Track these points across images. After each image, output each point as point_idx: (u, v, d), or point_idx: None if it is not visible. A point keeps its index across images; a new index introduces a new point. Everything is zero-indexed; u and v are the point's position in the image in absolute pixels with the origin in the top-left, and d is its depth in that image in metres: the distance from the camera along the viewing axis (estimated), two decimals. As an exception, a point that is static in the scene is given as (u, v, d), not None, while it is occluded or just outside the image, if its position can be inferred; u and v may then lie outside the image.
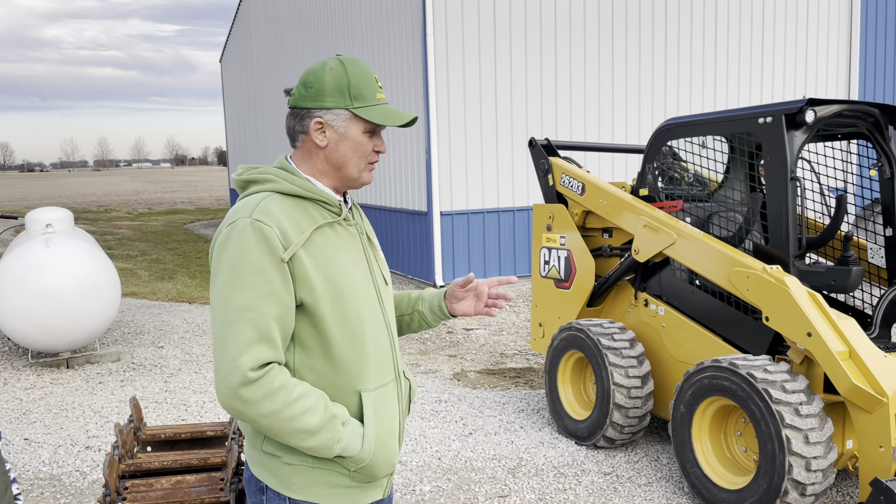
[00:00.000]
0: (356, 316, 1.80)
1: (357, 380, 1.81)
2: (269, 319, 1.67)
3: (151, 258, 15.81)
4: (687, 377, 4.15)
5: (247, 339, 1.65)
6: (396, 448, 1.90)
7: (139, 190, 56.68)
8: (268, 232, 1.68)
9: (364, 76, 1.83)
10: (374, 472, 1.83)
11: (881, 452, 3.48)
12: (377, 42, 12.08)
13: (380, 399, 1.85)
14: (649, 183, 5.14)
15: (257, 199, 1.75)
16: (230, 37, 24.02)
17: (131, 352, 7.74)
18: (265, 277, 1.67)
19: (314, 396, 1.73)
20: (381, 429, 1.83)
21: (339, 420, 1.75)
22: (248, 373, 1.65)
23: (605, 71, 11.66)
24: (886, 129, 4.40)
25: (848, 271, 4.20)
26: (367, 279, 1.87)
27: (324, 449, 1.73)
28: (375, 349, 1.85)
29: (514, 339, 8.31)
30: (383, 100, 1.87)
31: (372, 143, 1.86)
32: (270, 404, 1.66)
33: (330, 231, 1.81)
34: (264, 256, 1.67)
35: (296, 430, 1.69)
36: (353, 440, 1.76)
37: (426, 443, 5.16)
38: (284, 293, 1.70)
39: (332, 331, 1.76)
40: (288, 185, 1.79)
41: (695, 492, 4.12)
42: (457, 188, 10.78)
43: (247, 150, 22.63)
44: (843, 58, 13.83)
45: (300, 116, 1.83)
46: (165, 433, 3.43)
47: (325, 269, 1.76)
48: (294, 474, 1.79)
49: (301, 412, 1.69)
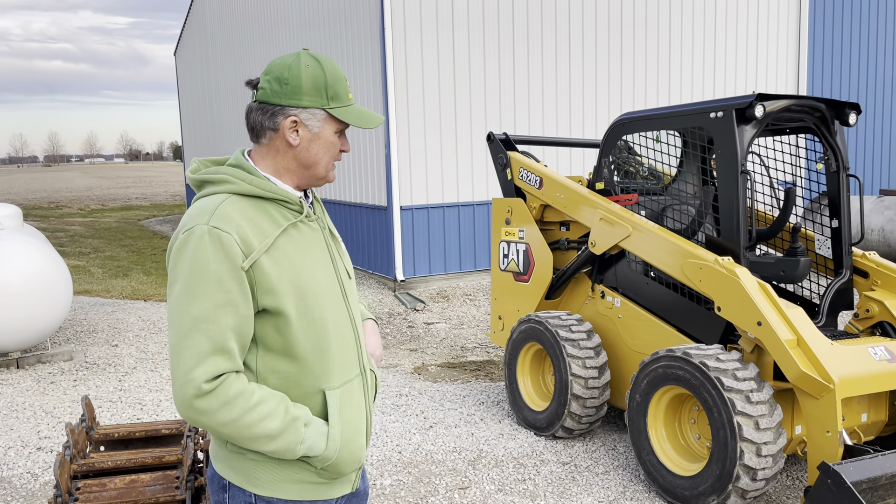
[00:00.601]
0: (320, 315, 1.77)
1: (322, 379, 1.79)
2: (226, 330, 1.64)
3: (105, 255, 15.47)
4: (642, 367, 4.22)
5: (202, 351, 1.62)
6: (364, 444, 1.89)
7: (92, 186, 55.34)
8: (226, 239, 1.64)
9: (339, 75, 1.80)
10: (341, 469, 1.82)
11: (828, 437, 3.59)
12: (335, 36, 11.99)
13: (345, 396, 1.84)
14: (605, 177, 5.21)
15: (215, 203, 1.69)
16: (185, 29, 23.58)
17: (84, 350, 7.57)
18: (222, 287, 1.63)
19: (273, 401, 1.71)
20: (346, 426, 1.82)
21: (300, 422, 1.73)
22: (203, 385, 1.62)
23: (563, 66, 11.76)
24: (832, 124, 4.53)
25: (796, 262, 4.32)
26: (330, 276, 1.84)
27: (287, 452, 1.72)
28: (340, 346, 1.83)
29: (474, 332, 8.35)
30: (353, 100, 1.85)
31: (339, 143, 1.84)
32: (228, 413, 1.64)
33: (293, 231, 1.77)
34: (222, 265, 1.63)
35: (256, 436, 1.68)
36: (317, 440, 1.75)
37: (387, 437, 5.17)
38: (242, 303, 1.66)
39: (296, 333, 1.73)
40: (246, 185, 1.74)
41: (650, 479, 4.20)
42: (416, 183, 10.77)
43: (203, 144, 22.27)
44: (792, 54, 14.18)
45: (272, 113, 1.76)
46: (119, 432, 3.37)
47: (289, 272, 1.72)
48: (260, 470, 1.77)
49: (260, 418, 1.67)
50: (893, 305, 4.31)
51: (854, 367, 3.73)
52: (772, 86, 13.90)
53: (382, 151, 10.71)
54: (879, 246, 10.98)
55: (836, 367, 3.64)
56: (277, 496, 1.78)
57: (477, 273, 11.22)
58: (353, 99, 1.84)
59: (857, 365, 3.75)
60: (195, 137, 23.37)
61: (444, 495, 4.26)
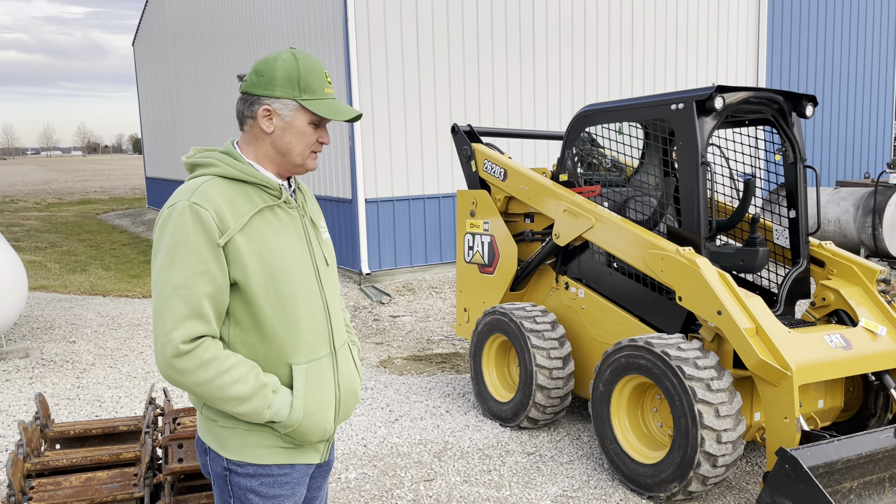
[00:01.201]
0: (289, 294, 1.92)
1: (289, 354, 1.94)
2: (202, 297, 1.81)
3: (62, 250, 15.11)
4: (605, 357, 4.26)
5: (180, 315, 1.80)
6: (330, 417, 2.02)
7: (48, 179, 54.01)
8: (204, 215, 1.81)
9: (314, 71, 1.95)
10: (305, 437, 1.97)
11: (786, 423, 3.66)
12: (298, 26, 11.85)
13: (312, 372, 1.98)
14: (568, 168, 5.23)
15: (198, 183, 1.88)
16: (143, 19, 23.08)
17: (41, 347, 7.39)
18: (199, 258, 1.81)
19: (246, 367, 1.87)
20: (312, 399, 1.96)
21: (269, 388, 1.89)
22: (180, 345, 1.79)
23: (527, 58, 11.79)
24: (790, 116, 4.61)
25: (755, 252, 4.39)
26: (305, 260, 1.99)
27: (254, 414, 1.88)
28: (310, 326, 1.98)
29: (440, 324, 8.35)
30: (331, 95, 1.99)
31: (316, 134, 1.99)
32: (203, 374, 1.81)
33: (270, 214, 1.93)
34: (199, 238, 1.80)
35: (228, 397, 1.84)
36: (282, 407, 1.90)
37: (352, 430, 5.14)
38: (218, 273, 1.83)
39: (263, 308, 1.89)
40: (229, 169, 1.91)
41: (614, 467, 4.24)
42: (381, 175, 10.71)
43: (163, 137, 21.86)
44: (752, 47, 14.41)
45: (250, 102, 1.95)
46: (75, 429, 3.29)
47: (261, 250, 1.88)
48: (229, 436, 1.95)
49: (232, 381, 1.84)
50: (849, 294, 4.40)
51: (811, 354, 3.80)
52: (732, 78, 14.11)
53: (347, 144, 10.62)
54: (835, 236, 11.24)
55: (794, 354, 3.71)
56: (246, 460, 1.95)
57: (443, 266, 11.21)
58: (331, 94, 1.98)
59: (814, 352, 3.83)
60: (155, 130, 22.92)
61: (409, 488, 4.25)
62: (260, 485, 1.98)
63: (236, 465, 1.96)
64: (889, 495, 3.68)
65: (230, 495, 1.99)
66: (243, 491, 1.98)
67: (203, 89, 17.30)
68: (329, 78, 1.99)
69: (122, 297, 10.08)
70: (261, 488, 1.98)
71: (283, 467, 2.00)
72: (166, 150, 21.48)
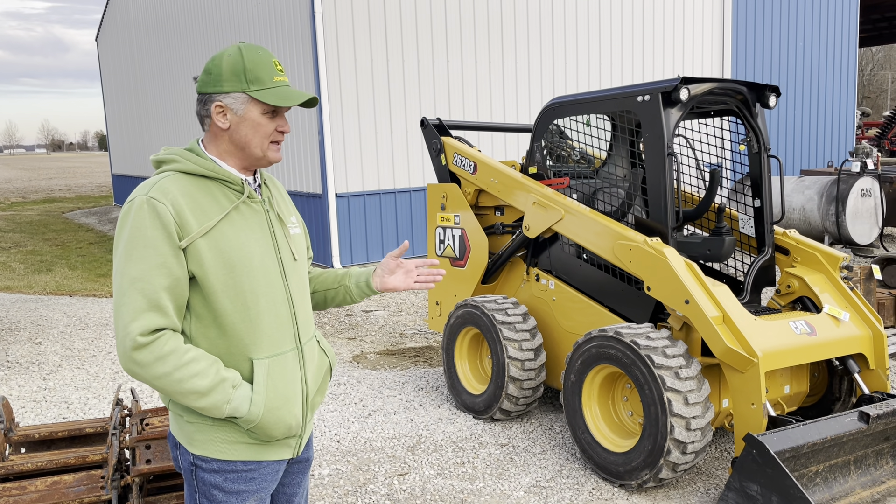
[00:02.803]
0: (249, 289, 1.92)
1: (250, 348, 1.94)
2: (159, 290, 1.82)
3: (27, 250, 14.82)
4: (576, 347, 4.29)
5: (138, 308, 1.81)
6: (295, 412, 2.01)
7: (11, 178, 52.87)
8: (161, 209, 1.83)
9: (261, 61, 1.94)
10: (269, 433, 1.95)
11: (753, 409, 3.72)
12: (263, 17, 11.72)
13: (275, 367, 1.97)
14: (538, 161, 5.25)
15: (158, 178, 1.90)
16: (106, 14, 22.64)
17: (5, 349, 7.24)
18: (157, 251, 1.82)
19: (206, 361, 1.87)
20: (274, 394, 1.95)
21: (228, 383, 1.89)
22: (138, 337, 1.80)
23: (495, 51, 11.79)
24: (754, 106, 4.66)
25: (721, 241, 4.45)
26: (268, 254, 1.98)
27: (214, 409, 1.87)
28: (272, 320, 1.97)
29: (413, 318, 8.35)
30: (283, 82, 1.97)
31: (274, 123, 1.98)
32: (161, 367, 1.81)
33: (233, 211, 1.94)
34: (156, 232, 1.82)
35: (187, 391, 1.84)
36: (241, 402, 1.89)
37: (325, 426, 5.12)
38: (175, 265, 1.84)
39: (222, 302, 1.89)
40: (191, 164, 1.92)
41: (586, 456, 4.28)
42: (352, 169, 10.66)
43: (129, 133, 21.50)
44: (717, 38, 14.56)
45: (204, 101, 1.96)
46: (40, 433, 3.23)
47: (219, 244, 1.88)
48: (195, 432, 1.95)
49: (191, 375, 1.83)
50: (813, 281, 4.48)
51: (776, 341, 3.87)
52: (697, 69, 14.26)
53: (316, 138, 10.55)
54: (800, 224, 11.44)
55: (760, 341, 3.77)
56: (211, 455, 1.95)
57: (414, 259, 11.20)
58: (282, 81, 1.97)
59: (780, 339, 3.90)
60: (121, 126, 22.54)
61: (383, 482, 4.25)
62: (224, 480, 1.97)
63: (202, 460, 1.96)
64: (854, 477, 3.76)
65: (196, 490, 1.99)
66: (207, 486, 1.98)
67: (169, 83, 17.04)
68: (279, 66, 1.98)
69: (89, 296, 9.91)
70: (225, 484, 1.97)
71: (249, 463, 1.99)
72: (133, 146, 21.13)
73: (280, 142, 2.01)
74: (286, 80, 1.98)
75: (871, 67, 50.92)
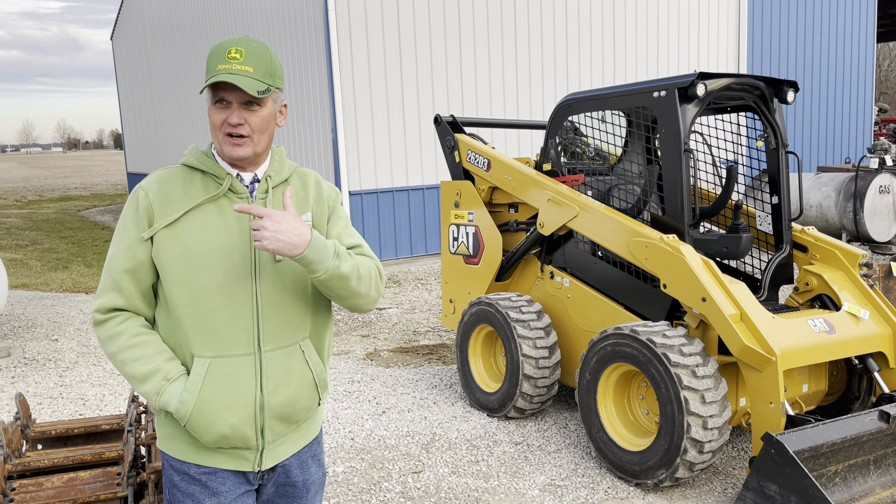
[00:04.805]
0: (202, 285, 1.87)
1: (193, 344, 1.89)
2: (121, 271, 1.89)
3: (43, 247, 14.95)
4: (591, 345, 4.26)
5: (104, 286, 1.92)
6: (232, 421, 1.86)
7: (28, 176, 53.36)
8: (140, 196, 1.91)
9: (218, 50, 1.83)
10: (200, 436, 1.88)
11: (771, 408, 3.68)
12: (277, 16, 11.74)
13: (217, 368, 1.87)
14: (552, 158, 5.22)
15: (160, 169, 1.98)
16: (121, 13, 22.78)
17: (23, 346, 7.30)
18: (127, 235, 1.90)
19: (151, 349, 1.89)
20: (210, 396, 1.85)
21: (161, 374, 1.87)
22: (95, 314, 1.91)
23: (509, 48, 11.75)
24: (771, 102, 4.61)
25: (738, 238, 4.40)
26: (237, 252, 1.88)
27: (150, 399, 1.89)
28: (226, 320, 1.87)
29: (426, 316, 8.34)
30: (226, 69, 1.79)
31: (223, 114, 1.85)
32: (111, 346, 1.89)
33: (211, 205, 1.90)
34: (130, 218, 1.91)
35: (128, 374, 1.89)
36: (171, 397, 1.86)
37: (339, 424, 5.12)
38: (139, 251, 1.89)
39: (174, 294, 1.88)
40: (190, 157, 1.95)
41: (601, 455, 4.25)
42: (365, 167, 10.66)
43: (144, 131, 21.63)
44: (732, 33, 14.44)
45: None
46: (56, 429, 3.24)
47: (181, 236, 1.87)
48: (160, 426, 1.99)
49: (133, 359, 1.87)
50: (831, 279, 4.43)
51: (795, 339, 3.82)
52: (713, 65, 14.14)
53: (329, 137, 10.56)
54: (817, 221, 11.33)
55: (778, 339, 3.73)
56: (170, 453, 1.97)
57: (428, 257, 11.19)
58: (226, 68, 1.79)
59: (798, 337, 3.85)
60: (136, 124, 22.68)
61: (397, 480, 4.24)
62: (180, 480, 1.95)
63: (165, 456, 1.99)
64: (874, 477, 3.71)
65: (165, 485, 2.02)
66: (169, 484, 1.98)
67: (183, 82, 17.12)
68: (236, 52, 1.80)
69: (105, 294, 9.98)
70: (181, 484, 1.95)
71: (203, 468, 1.93)
72: (148, 144, 21.26)
73: (235, 135, 1.85)
74: (233, 66, 1.79)
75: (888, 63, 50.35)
